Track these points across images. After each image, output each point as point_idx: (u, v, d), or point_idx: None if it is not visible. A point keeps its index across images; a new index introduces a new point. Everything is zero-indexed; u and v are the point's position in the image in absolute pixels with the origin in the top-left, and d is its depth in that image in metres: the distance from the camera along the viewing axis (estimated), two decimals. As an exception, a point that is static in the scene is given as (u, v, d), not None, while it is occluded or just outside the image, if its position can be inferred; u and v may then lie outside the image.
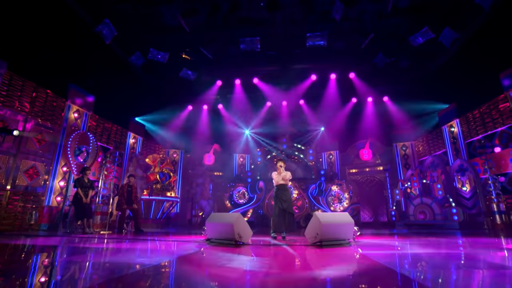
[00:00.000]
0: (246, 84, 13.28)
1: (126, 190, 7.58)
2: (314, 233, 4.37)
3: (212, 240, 4.70)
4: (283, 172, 5.84)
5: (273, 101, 14.24)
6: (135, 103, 12.01)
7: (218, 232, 4.69)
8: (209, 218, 4.91)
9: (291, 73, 12.57)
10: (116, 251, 3.61)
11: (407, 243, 4.68)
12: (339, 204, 12.02)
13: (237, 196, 12.44)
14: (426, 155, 11.27)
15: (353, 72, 12.11)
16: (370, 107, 13.40)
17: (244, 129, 14.93)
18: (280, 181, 5.85)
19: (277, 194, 5.80)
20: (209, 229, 4.86)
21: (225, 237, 4.53)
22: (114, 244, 4.43)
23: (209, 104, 14.65)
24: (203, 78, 13.29)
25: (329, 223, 4.30)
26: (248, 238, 4.63)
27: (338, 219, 4.50)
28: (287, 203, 5.73)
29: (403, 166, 12.26)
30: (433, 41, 9.86)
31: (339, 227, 4.42)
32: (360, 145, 13.78)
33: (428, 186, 9.50)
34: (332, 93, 13.14)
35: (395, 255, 3.27)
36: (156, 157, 11.08)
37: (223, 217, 4.75)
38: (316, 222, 4.32)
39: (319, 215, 4.37)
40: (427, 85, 10.74)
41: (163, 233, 7.30)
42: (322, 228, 4.20)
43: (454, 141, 9.63)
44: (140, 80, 11.88)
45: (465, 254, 3.35)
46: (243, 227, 4.60)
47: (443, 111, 10.27)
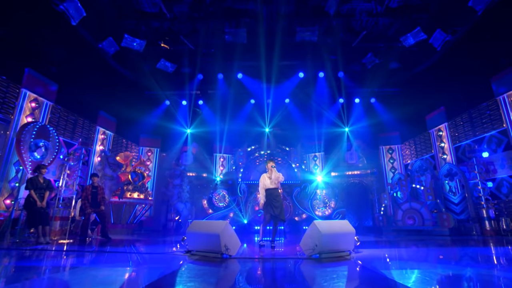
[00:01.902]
0: (229, 79, 12.73)
1: (90, 192, 6.78)
2: (312, 244, 3.95)
3: (194, 252, 4.14)
4: (275, 173, 5.39)
5: (258, 99, 13.80)
6: (105, 95, 11.05)
7: (201, 243, 4.14)
8: (191, 227, 4.35)
9: (278, 70, 12.19)
10: (62, 272, 2.91)
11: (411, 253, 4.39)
12: (324, 208, 11.81)
13: (217, 198, 11.86)
14: (414, 159, 11.33)
15: (342, 71, 11.96)
16: (357, 108, 13.34)
17: (225, 127, 14.35)
18: (270, 185, 5.40)
19: (268, 199, 5.35)
20: (190, 239, 4.29)
21: (210, 249, 4.00)
22: (68, 259, 3.72)
23: (189, 100, 13.94)
24: (183, 70, 12.59)
25: (330, 233, 3.90)
26: (235, 250, 4.13)
27: (339, 228, 4.11)
28: (279, 209, 5.29)
29: (389, 170, 12.28)
30: (423, 43, 9.89)
31: (340, 237, 4.03)
32: (345, 147, 13.66)
33: (416, 190, 9.48)
34: (320, 92, 12.95)
35: (419, 276, 2.90)
36: (129, 155, 10.25)
37: (208, 225, 4.21)
38: (315, 232, 3.91)
39: (319, 224, 3.96)
40: (416, 87, 10.80)
41: (135, 241, 6.59)
42: (322, 239, 3.80)
43: (442, 145, 9.69)
44: (112, 70, 10.96)
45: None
46: (231, 238, 4.10)
47: (431, 115, 10.35)
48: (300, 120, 14.09)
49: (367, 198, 12.61)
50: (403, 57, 10.94)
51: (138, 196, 9.71)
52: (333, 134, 14.02)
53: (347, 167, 13.54)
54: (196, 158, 14.06)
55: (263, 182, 5.51)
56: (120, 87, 11.58)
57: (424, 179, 9.37)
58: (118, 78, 11.38)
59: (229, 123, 14.27)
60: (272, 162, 5.50)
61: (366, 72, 11.77)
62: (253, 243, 6.61)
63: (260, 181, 5.54)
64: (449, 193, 8.64)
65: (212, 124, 14.18)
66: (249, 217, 11.73)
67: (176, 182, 11.00)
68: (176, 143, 13.98)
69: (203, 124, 14.22)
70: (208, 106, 14.09)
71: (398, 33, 10.02)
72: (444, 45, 9.21)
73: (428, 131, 10.51)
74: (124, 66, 11.41)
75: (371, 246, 5.41)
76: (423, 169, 9.47)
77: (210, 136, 14.35)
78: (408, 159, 11.94)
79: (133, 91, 12.38)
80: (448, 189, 8.70)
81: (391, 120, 12.64)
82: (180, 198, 10.89)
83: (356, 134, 13.45)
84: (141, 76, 12.25)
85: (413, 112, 11.29)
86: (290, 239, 7.69)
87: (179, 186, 10.97)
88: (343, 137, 13.90)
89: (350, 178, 13.52)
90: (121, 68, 11.28)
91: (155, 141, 13.49)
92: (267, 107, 14.07)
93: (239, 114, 14.17)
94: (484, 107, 8.35)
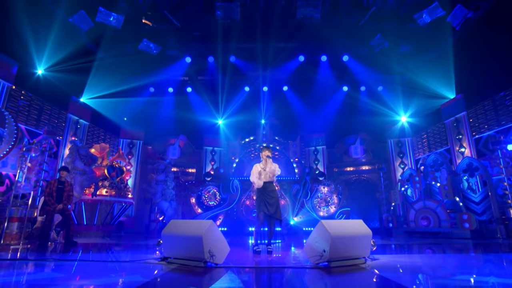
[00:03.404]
0: (221, 63, 12.07)
1: (55, 188, 6.09)
2: (319, 249, 3.35)
3: (171, 260, 3.52)
4: (270, 165, 4.78)
5: (253, 86, 13.22)
6: (79, 79, 10.34)
7: (180, 248, 3.52)
8: (168, 228, 3.72)
9: (276, 53, 11.57)
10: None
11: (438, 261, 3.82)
12: (326, 207, 11.32)
13: (206, 196, 11.35)
14: (426, 153, 10.84)
15: (347, 54, 11.36)
16: (363, 98, 12.81)
17: (217, 118, 13.74)
18: (264, 178, 4.79)
19: (261, 195, 4.75)
20: (167, 243, 3.67)
21: (190, 256, 3.39)
22: (11, 270, 3.04)
23: (176, 87, 13.26)
24: (169, 53, 11.91)
25: (342, 236, 3.31)
26: (223, 256, 3.52)
27: (352, 229, 3.52)
28: (275, 207, 4.69)
29: (398, 165, 11.79)
30: (439, 23, 9.36)
31: (354, 241, 3.44)
32: (350, 140, 13.17)
33: (431, 187, 8.98)
34: (322, 79, 12.40)
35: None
36: (105, 147, 9.54)
37: (188, 226, 3.59)
38: (323, 234, 3.31)
39: (328, 224, 3.36)
40: (429, 73, 10.26)
41: (106, 245, 5.94)
42: (333, 243, 3.20)
43: (459, 137, 9.17)
44: (86, 50, 10.18)
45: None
46: (217, 241, 3.49)
47: (447, 103, 9.83)
48: (300, 110, 13.55)
49: (373, 196, 12.13)
50: (415, 39, 10.39)
51: (116, 193, 9.04)
52: (336, 126, 13.49)
53: (352, 162, 13.09)
54: (184, 151, 13.51)
55: (255, 175, 4.89)
56: (96, 71, 10.84)
57: (439, 175, 8.86)
58: (93, 60, 10.61)
59: (221, 113, 13.69)
60: (268, 150, 4.89)
61: (374, 56, 11.21)
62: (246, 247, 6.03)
63: (255, 167, 4.91)
64: (468, 190, 8.14)
65: (202, 115, 13.59)
66: (242, 217, 11.18)
67: (160, 178, 10.32)
68: (162, 135, 13.36)
69: (192, 115, 13.58)
70: (197, 94, 13.46)
71: (412, 10, 9.44)
72: (464, 24, 8.66)
73: (443, 121, 10.00)
74: (100, 46, 10.64)
75: (387, 251, 4.85)
76: (439, 164, 8.96)
77: (199, 127, 13.75)
78: (420, 153, 11.44)
79: (112, 75, 11.58)
80: (467, 186, 8.19)
81: (401, 110, 12.16)
82: (164, 196, 10.23)
83: (361, 126, 12.94)
84: (120, 58, 11.51)
85: (426, 101, 10.79)
86: (289, 242, 7.13)
87: (163, 183, 10.30)
88: (347, 130, 13.42)
89: (354, 174, 13.06)
90: (96, 48, 10.52)
91: (137, 132, 12.79)
92: (263, 95, 13.51)
93: (232, 103, 13.59)
94: (510, 93, 7.82)
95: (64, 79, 9.61)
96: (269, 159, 4.81)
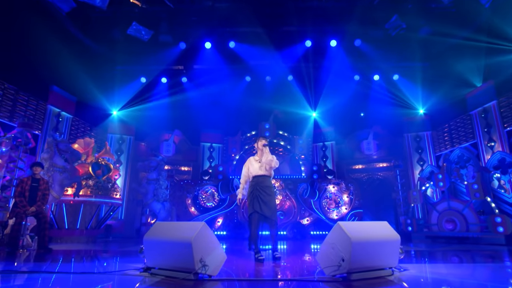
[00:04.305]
0: (219, 49, 11.63)
1: (28, 187, 5.68)
2: (336, 257, 2.90)
3: (155, 271, 3.08)
4: (266, 155, 4.35)
5: (254, 75, 12.79)
6: (61, 67, 9.90)
7: (165, 256, 3.08)
8: (151, 232, 3.29)
9: (280, 37, 11.12)
10: None
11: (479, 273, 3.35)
12: (336, 209, 10.92)
13: (204, 197, 11.05)
14: (448, 148, 10.34)
15: (359, 39, 10.88)
16: (376, 87, 12.35)
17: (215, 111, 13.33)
18: (259, 170, 4.36)
19: (254, 191, 4.31)
20: (150, 250, 3.23)
21: (178, 267, 2.96)
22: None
23: (170, 77, 12.85)
24: (162, 39, 11.48)
25: (364, 241, 2.86)
26: (218, 266, 3.08)
27: (377, 233, 3.06)
28: (269, 206, 4.24)
29: (416, 162, 11.31)
30: (466, 0, 8.85)
31: (379, 248, 2.98)
32: (362, 135, 12.73)
33: (456, 186, 8.50)
34: (331, 67, 11.93)
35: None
36: (90, 142, 9.14)
37: (175, 229, 3.16)
38: (341, 238, 2.86)
39: (346, 226, 2.91)
40: (453, 59, 9.75)
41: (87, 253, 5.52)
42: (353, 250, 2.76)
43: (488, 129, 8.67)
44: (68, 35, 9.75)
45: None
46: (211, 247, 3.06)
47: (474, 92, 9.31)
48: (306, 101, 13.14)
49: (388, 197, 11.68)
50: (437, 21, 9.83)
51: (102, 194, 8.63)
52: (347, 119, 13.07)
53: (364, 159, 12.64)
54: (179, 148, 13.17)
55: (248, 168, 4.47)
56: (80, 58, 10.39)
57: (466, 172, 8.38)
58: (77, 45, 10.17)
59: (219, 106, 13.28)
60: (264, 140, 4.48)
61: (390, 40, 10.72)
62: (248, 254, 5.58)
63: (244, 166, 4.53)
64: (499, 189, 7.65)
65: (199, 108, 13.19)
66: (244, 220, 10.83)
67: (152, 176, 9.92)
68: (155, 130, 13.02)
69: (188, 108, 13.22)
70: (193, 85, 13.04)
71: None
72: (494, 1, 8.12)
73: (469, 113, 9.50)
74: (84, 30, 10.21)
75: (413, 260, 4.38)
76: (464, 160, 8.48)
77: (196, 122, 13.37)
78: (441, 148, 10.95)
79: (98, 63, 11.24)
80: (497, 185, 7.71)
81: (419, 101, 11.68)
82: (156, 196, 9.84)
83: (375, 119, 12.51)
84: (108, 44, 11.13)
85: (448, 90, 10.29)
86: (294, 248, 6.69)
87: (155, 182, 9.90)
88: (359, 123, 12.99)
89: (367, 172, 12.62)
90: (79, 32, 10.09)
91: (128, 127, 12.42)
92: (265, 86, 13.10)
93: (232, 94, 13.20)
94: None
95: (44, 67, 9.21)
96: (265, 148, 4.38)
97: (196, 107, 13.12)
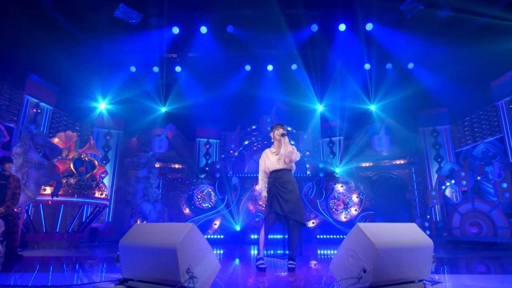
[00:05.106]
0: (216, 35, 11.22)
1: (-6, 185, 5.29)
2: (355, 268, 2.50)
3: (133, 284, 2.69)
4: (286, 146, 4.00)
5: (255, 64, 12.37)
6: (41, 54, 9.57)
7: (145, 265, 2.67)
8: (128, 236, 2.90)
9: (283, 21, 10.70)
10: None
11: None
12: (345, 210, 10.63)
13: (199, 197, 10.78)
14: (470, 143, 9.94)
15: (371, 22, 10.46)
16: (389, 77, 11.94)
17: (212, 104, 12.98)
18: (277, 165, 4.00)
19: (273, 188, 3.94)
20: (127, 258, 2.83)
21: (160, 278, 2.56)
22: None
23: (162, 65, 12.44)
24: (152, 22, 11.02)
25: (390, 247, 2.46)
26: (210, 278, 2.68)
27: (404, 237, 2.65)
28: (292, 204, 3.86)
29: (433, 159, 10.93)
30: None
31: (408, 256, 2.58)
32: (372, 130, 12.32)
33: (480, 185, 8.10)
34: (339, 54, 11.49)
35: None
36: (72, 136, 8.74)
37: (157, 232, 2.76)
38: (362, 244, 2.46)
39: (368, 229, 2.51)
40: (477, 44, 9.30)
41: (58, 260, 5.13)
42: (378, 258, 2.36)
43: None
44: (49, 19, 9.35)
45: None
46: (201, 254, 2.66)
47: (502, 79, 8.86)
48: (312, 93, 12.76)
49: (402, 197, 11.29)
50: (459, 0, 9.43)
51: (85, 193, 8.26)
52: (356, 112, 12.66)
53: (375, 156, 12.21)
54: (173, 144, 12.79)
55: (264, 162, 4.09)
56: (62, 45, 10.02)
57: (491, 169, 7.98)
58: (58, 31, 9.76)
59: (217, 99, 12.91)
60: (282, 128, 4.14)
61: (404, 23, 10.23)
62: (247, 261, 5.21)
63: (261, 160, 4.16)
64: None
65: (195, 100, 12.80)
66: (243, 223, 10.57)
67: (141, 174, 9.54)
68: (146, 125, 12.65)
69: (182, 100, 12.88)
70: (188, 74, 12.67)
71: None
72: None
73: (495, 103, 9.08)
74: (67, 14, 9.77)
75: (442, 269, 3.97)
76: (490, 156, 8.08)
77: (191, 115, 13.00)
78: (462, 144, 10.55)
79: (83, 51, 10.83)
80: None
81: (437, 92, 11.26)
82: (146, 196, 9.48)
83: (387, 112, 12.12)
84: (93, 29, 10.69)
85: (470, 79, 9.88)
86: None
87: (145, 180, 9.53)
88: (369, 117, 12.57)
89: (378, 170, 12.21)
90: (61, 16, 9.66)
91: (116, 121, 12.04)
92: (267, 76, 12.70)
93: (230, 85, 12.79)
94: None
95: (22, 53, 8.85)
96: (284, 138, 4.01)
97: (191, 99, 12.75)
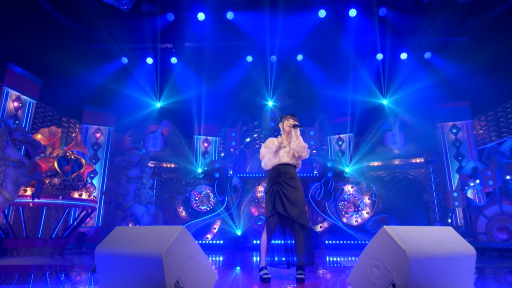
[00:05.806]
0: (215, 22, 11.02)
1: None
2: (382, 282, 2.16)
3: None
4: (297, 139, 3.68)
5: (257, 54, 12.11)
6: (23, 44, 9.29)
7: (126, 277, 2.34)
8: (106, 242, 2.55)
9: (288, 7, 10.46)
10: None
11: None
12: (356, 213, 10.39)
13: (197, 199, 10.59)
14: (494, 140, 9.64)
15: (384, 7, 10.20)
16: (403, 68, 11.65)
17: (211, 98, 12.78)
18: (283, 158, 3.67)
19: (275, 185, 3.61)
20: (105, 269, 2.49)
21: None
22: None
23: (156, 56, 12.21)
24: (145, 9, 10.80)
25: (425, 256, 2.13)
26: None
27: (441, 245, 2.31)
28: (296, 204, 3.53)
29: (453, 157, 10.62)
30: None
31: (447, 267, 2.24)
32: (385, 126, 12.03)
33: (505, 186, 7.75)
34: (349, 43, 11.25)
35: None
36: (56, 132, 8.44)
37: (141, 237, 2.42)
38: (391, 252, 2.13)
39: (397, 232, 2.17)
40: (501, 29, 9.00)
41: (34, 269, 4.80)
42: (410, 270, 2.03)
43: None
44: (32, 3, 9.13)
45: None
46: (192, 264, 2.32)
47: (530, 68, 8.57)
48: (319, 87, 12.44)
49: (418, 199, 11.02)
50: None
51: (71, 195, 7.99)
52: (368, 107, 12.33)
53: (388, 154, 11.85)
54: (168, 141, 12.59)
55: (267, 154, 3.74)
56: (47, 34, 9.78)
57: (523, 168, 7.63)
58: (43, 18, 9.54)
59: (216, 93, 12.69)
60: (293, 119, 3.83)
61: (421, 9, 10.05)
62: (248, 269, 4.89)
63: (265, 145, 3.78)
64: None
65: (192, 94, 12.60)
66: (244, 227, 10.40)
67: (133, 173, 9.25)
68: (139, 121, 12.42)
69: (178, 94, 12.68)
70: (185, 66, 12.44)
71: None
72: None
73: (522, 95, 8.79)
74: (52, 0, 9.58)
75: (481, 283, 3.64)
76: (520, 153, 7.74)
77: (188, 111, 12.72)
78: (485, 140, 10.25)
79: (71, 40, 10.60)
80: None
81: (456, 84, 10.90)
82: (139, 197, 9.18)
83: (401, 106, 11.82)
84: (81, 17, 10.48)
85: (495, 68, 9.54)
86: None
87: (137, 180, 9.24)
88: (382, 111, 12.27)
89: (392, 169, 11.85)
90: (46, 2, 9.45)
91: (106, 116, 11.79)
92: (270, 68, 12.45)
93: (231, 78, 12.57)
94: None
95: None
96: (295, 130, 3.68)
97: (189, 93, 12.57)
